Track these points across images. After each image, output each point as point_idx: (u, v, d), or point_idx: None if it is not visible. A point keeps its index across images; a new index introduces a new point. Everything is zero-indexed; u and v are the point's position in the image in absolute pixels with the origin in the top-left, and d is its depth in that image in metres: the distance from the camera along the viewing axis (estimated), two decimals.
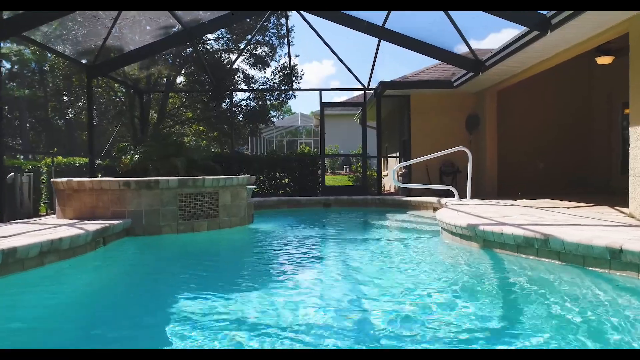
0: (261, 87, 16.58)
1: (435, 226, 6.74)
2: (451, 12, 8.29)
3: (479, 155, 11.14)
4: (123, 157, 10.21)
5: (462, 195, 8.67)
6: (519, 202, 8.31)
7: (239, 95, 17.12)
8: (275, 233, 6.70)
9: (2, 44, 7.89)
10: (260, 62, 16.55)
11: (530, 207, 6.91)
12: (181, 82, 16.53)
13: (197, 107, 16.21)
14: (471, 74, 9.58)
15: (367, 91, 11.95)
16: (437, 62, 13.15)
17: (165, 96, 15.69)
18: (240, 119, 16.59)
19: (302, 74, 16.44)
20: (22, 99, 18.24)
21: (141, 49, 9.09)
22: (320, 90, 11.95)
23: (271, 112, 17.48)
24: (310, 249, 5.45)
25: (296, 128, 39.93)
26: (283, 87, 16.18)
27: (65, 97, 16.00)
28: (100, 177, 10.47)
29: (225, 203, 6.47)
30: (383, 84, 11.20)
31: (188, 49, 13.48)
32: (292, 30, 16.81)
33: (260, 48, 16.84)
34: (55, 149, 17.67)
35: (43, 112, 18.70)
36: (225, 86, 13.63)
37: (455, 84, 10.85)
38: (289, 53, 12.77)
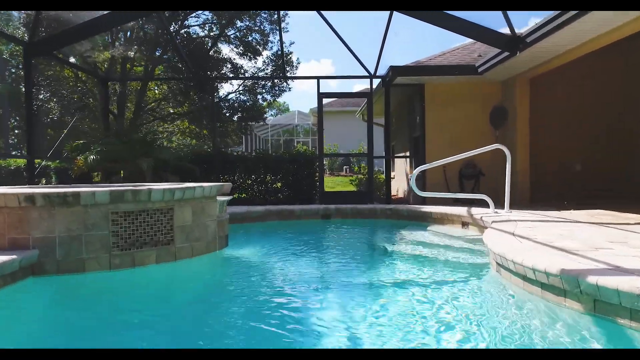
0: (249, 76, 14.69)
1: (472, 249, 4.88)
2: None
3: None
4: (78, 157, 8.33)
5: (485, 205, 6.82)
6: (569, 213, 6.48)
7: (226, 89, 15.21)
8: (253, 267, 4.81)
9: None
10: (250, 51, 14.66)
11: (602, 224, 5.07)
12: (161, 72, 14.61)
13: (178, 101, 14.32)
14: (505, 54, 7.72)
15: (373, 79, 10.10)
16: (454, 46, 11.33)
17: (143, 88, 13.80)
18: (228, 114, 14.69)
19: (298, 63, 14.58)
20: None
21: (91, 22, 7.19)
22: (318, 78, 10.09)
23: (263, 105, 15.55)
24: (302, 308, 3.51)
25: (294, 127, 38.08)
26: (275, 76, 14.29)
27: None
28: (44, 183, 8.60)
29: (184, 223, 4.61)
30: (393, 70, 9.34)
31: (161, 31, 11.58)
32: (287, 14, 14.95)
33: (251, 35, 14.97)
34: None
35: None
36: (206, 76, 11.76)
37: (480, 70, 9.00)
38: (280, 38, 10.90)
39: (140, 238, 4.27)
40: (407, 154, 12.26)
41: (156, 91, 15.11)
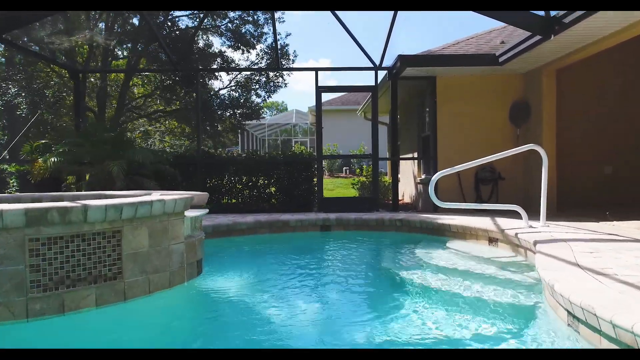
0: (239, 67, 13.51)
1: (513, 279, 3.72)
2: None
3: (530, 156, 8.18)
4: (39, 159, 7.18)
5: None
6: (611, 226, 5.36)
7: (217, 85, 14.07)
8: (232, 308, 3.62)
9: None
10: (243, 43, 13.50)
11: None
12: (145, 66, 13.43)
13: (164, 97, 13.17)
14: (536, 38, 6.59)
15: (378, 71, 8.96)
16: (469, 34, 10.20)
17: (126, 83, 12.63)
18: (219, 111, 13.53)
19: (295, 56, 13.43)
20: None
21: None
22: (317, 69, 8.96)
23: (257, 102, 14.39)
24: None
25: (291, 126, 36.95)
26: (267, 67, 13.13)
27: None
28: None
29: (138, 249, 3.47)
30: (401, 60, 8.19)
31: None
32: None
33: (244, 27, 13.81)
34: None
35: None
36: (190, 67, 10.61)
37: (501, 59, 7.87)
38: (274, 27, 9.76)
39: (72, 273, 3.13)
40: (415, 155, 11.13)
41: (141, 88, 13.93)
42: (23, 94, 10.40)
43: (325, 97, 38.18)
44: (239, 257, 5.67)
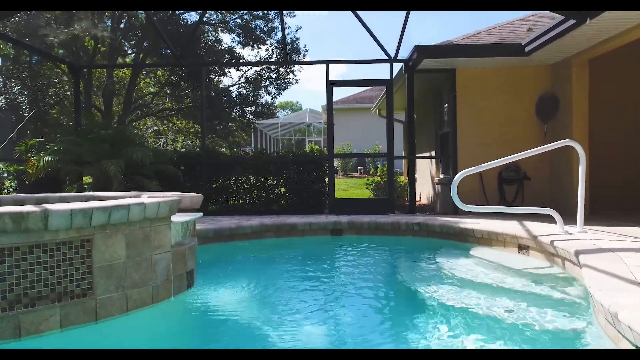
0: (247, 63, 13.02)
1: (552, 297, 3.12)
2: None
3: (559, 153, 7.54)
4: (32, 158, 6.80)
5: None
6: None
7: (226, 82, 13.65)
8: (227, 332, 3.11)
9: None
10: (253, 38, 13.04)
11: None
12: (152, 60, 13.05)
13: (172, 94, 12.79)
14: (569, 23, 5.95)
15: (393, 64, 8.39)
16: (491, 24, 9.57)
17: (133, 81, 12.28)
18: (228, 109, 13.08)
19: (306, 50, 12.91)
20: None
21: None
22: (327, 62, 8.41)
23: (267, 98, 13.92)
24: None
25: (306, 125, 36.49)
26: (275, 61, 12.60)
27: None
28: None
29: (112, 261, 2.98)
30: (419, 51, 7.61)
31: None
32: None
33: (254, 21, 13.35)
34: None
35: None
36: (195, 62, 10.17)
37: (528, 49, 7.23)
38: (281, 21, 9.26)
39: (31, 290, 2.65)
40: (433, 153, 10.52)
41: (148, 86, 13.58)
42: (25, 92, 10.13)
43: (339, 95, 37.59)
44: (240, 265, 5.17)
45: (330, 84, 8.33)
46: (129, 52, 12.31)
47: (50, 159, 6.50)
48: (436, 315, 3.21)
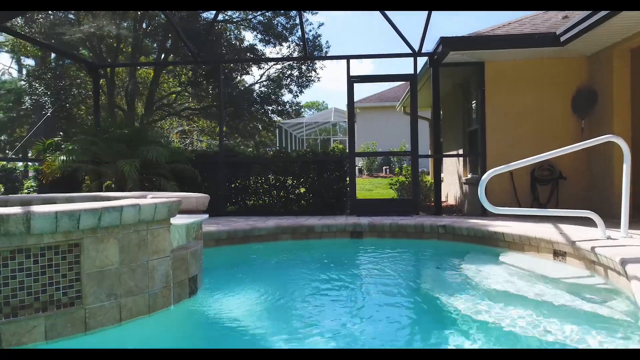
0: (265, 59, 12.76)
1: (599, 314, 2.71)
2: None
3: (598, 151, 6.99)
4: (47, 158, 6.74)
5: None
6: None
7: (247, 80, 13.48)
8: (223, 344, 2.84)
9: None
10: (274, 35, 12.82)
11: None
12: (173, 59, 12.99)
13: (190, 93, 12.71)
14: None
15: (417, 58, 7.99)
16: (520, 14, 9.03)
17: (155, 80, 12.26)
18: (252, 108, 12.91)
19: (328, 47, 12.61)
20: None
21: None
22: (348, 57, 8.09)
23: (289, 96, 13.68)
24: None
25: (331, 125, 36.19)
26: (295, 57, 12.30)
27: None
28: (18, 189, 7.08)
29: (104, 267, 2.75)
30: (444, 43, 7.19)
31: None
32: None
33: (276, 18, 13.13)
34: None
35: None
36: (213, 59, 9.99)
37: (563, 38, 6.72)
38: (299, 17, 8.96)
39: (13, 298, 2.45)
40: (460, 152, 10.05)
41: (170, 85, 13.55)
42: (48, 92, 10.22)
43: (363, 93, 37.10)
44: (251, 269, 4.90)
45: (351, 80, 8.00)
46: (153, 51, 12.28)
47: (65, 158, 6.42)
48: (465, 332, 2.85)
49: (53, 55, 11.80)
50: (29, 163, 7.79)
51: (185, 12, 10.41)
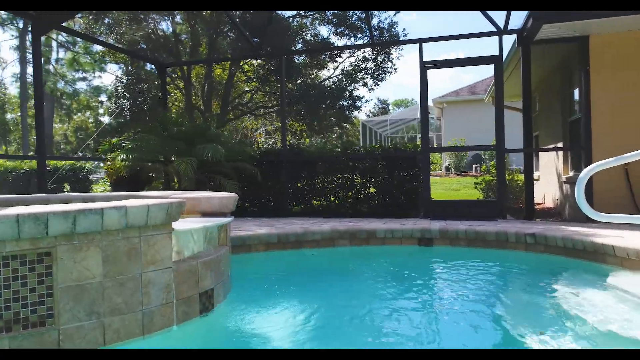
0: (333, 48, 12.10)
1: None
2: None
3: None
4: (109, 156, 6.79)
5: None
6: None
7: (321, 75, 13.03)
8: None
9: None
10: (349, 27, 12.19)
11: None
12: (253, 64, 12.91)
13: (262, 91, 12.52)
14: None
15: (503, 36, 6.85)
16: None
17: (229, 80, 12.28)
18: (324, 105, 12.41)
19: (405, 35, 11.65)
20: None
21: None
22: (421, 41, 7.19)
23: (362, 91, 12.95)
24: None
25: (417, 122, 34.64)
26: (362, 44, 11.48)
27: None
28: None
29: (83, 280, 2.32)
30: (535, 15, 6.02)
31: None
32: None
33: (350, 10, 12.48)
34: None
35: None
36: (274, 51, 9.58)
37: None
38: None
39: None
40: (559, 145, 8.60)
41: (243, 83, 13.53)
42: (127, 95, 10.65)
43: (451, 86, 34.94)
44: (293, 279, 4.32)
45: (425, 66, 7.10)
46: (226, 49, 12.31)
47: (124, 157, 6.38)
48: None
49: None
50: (102, 163, 8.16)
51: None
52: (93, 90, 27.78)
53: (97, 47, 15.83)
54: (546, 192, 10.09)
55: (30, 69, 28.37)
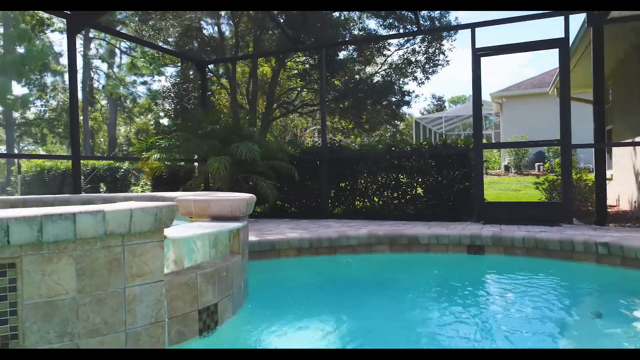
0: (374, 38, 11.48)
1: None
2: None
3: None
4: (144, 155, 6.69)
5: None
6: None
7: (368, 71, 12.48)
8: None
9: None
10: (397, 18, 11.55)
11: None
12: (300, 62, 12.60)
13: (307, 88, 12.17)
14: None
15: (569, 16, 6.02)
16: None
17: (274, 78, 12.05)
18: (370, 100, 11.86)
19: (458, 23, 10.82)
20: None
21: None
22: (473, 26, 6.50)
23: (412, 85, 12.25)
24: None
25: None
26: (405, 33, 10.76)
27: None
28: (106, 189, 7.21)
29: (53, 296, 2.01)
30: None
31: None
32: None
33: None
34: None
35: None
36: (313, 44, 9.16)
37: None
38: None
39: None
40: (637, 139, 7.53)
41: (287, 81, 13.26)
42: (172, 95, 10.70)
43: (512, 79, 32.92)
44: (321, 293, 3.87)
45: (477, 53, 6.41)
46: (271, 46, 12.10)
47: (158, 156, 6.23)
48: None
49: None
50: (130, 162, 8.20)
51: None
52: (152, 94, 28.89)
53: (148, 50, 16.23)
54: (621, 193, 8.96)
55: (96, 75, 29.99)
